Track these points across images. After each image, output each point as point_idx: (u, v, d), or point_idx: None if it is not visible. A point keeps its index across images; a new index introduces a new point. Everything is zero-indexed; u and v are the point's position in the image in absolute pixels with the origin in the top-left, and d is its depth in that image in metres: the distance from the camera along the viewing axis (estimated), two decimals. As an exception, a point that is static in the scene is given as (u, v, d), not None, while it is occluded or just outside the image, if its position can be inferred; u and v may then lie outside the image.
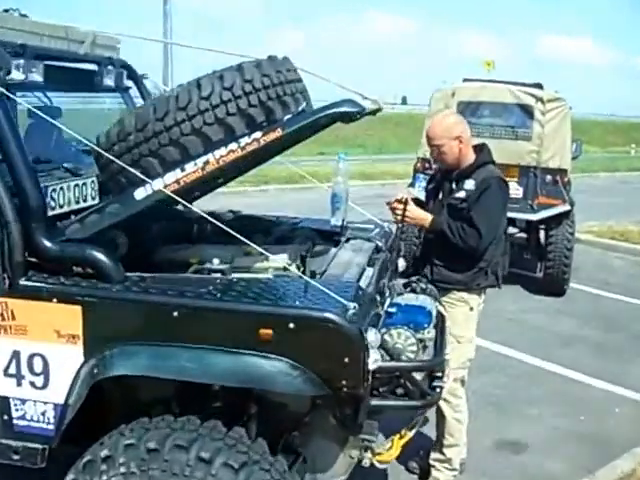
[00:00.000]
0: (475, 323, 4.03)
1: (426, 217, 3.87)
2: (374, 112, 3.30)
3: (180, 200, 2.73)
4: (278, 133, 2.74)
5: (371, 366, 2.55)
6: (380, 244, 3.77)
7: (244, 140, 2.75)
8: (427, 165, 8.37)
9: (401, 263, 4.04)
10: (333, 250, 3.45)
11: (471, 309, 3.95)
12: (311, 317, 2.50)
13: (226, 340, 2.55)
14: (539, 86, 8.64)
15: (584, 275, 9.42)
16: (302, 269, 3.09)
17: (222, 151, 2.75)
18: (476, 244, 3.76)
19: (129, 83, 4.18)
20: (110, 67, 3.82)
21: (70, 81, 3.66)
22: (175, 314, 2.56)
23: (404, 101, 59.53)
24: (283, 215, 4.28)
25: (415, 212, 3.87)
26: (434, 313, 3.13)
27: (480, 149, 3.99)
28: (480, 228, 3.74)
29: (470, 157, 3.93)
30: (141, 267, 3.06)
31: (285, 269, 3.03)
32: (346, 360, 2.49)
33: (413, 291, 3.35)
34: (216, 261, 2.98)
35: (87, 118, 4.33)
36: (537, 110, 8.23)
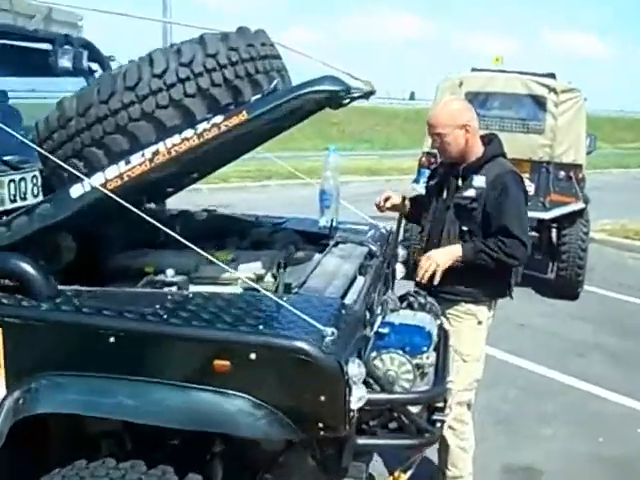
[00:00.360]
0: (484, 339, 3.54)
1: (455, 249, 3.31)
2: (366, 95, 2.86)
3: (117, 199, 2.24)
4: (242, 117, 2.25)
5: (354, 405, 2.07)
6: (374, 248, 3.28)
7: (202, 126, 2.27)
8: (433, 160, 7.86)
9: (400, 269, 3.56)
10: (317, 256, 2.96)
11: (479, 323, 3.46)
12: (276, 346, 2.02)
13: (174, 373, 2.08)
14: (552, 76, 8.14)
15: (597, 276, 8.91)
16: (277, 280, 2.61)
17: (175, 139, 2.27)
18: (522, 254, 3.31)
19: (94, 66, 3.70)
20: (67, 46, 3.34)
21: (15, 62, 3.18)
22: (111, 340, 2.09)
23: (412, 96, 59.08)
24: (265, 214, 3.79)
25: (441, 252, 3.31)
26: (434, 333, 2.65)
27: (489, 140, 3.50)
28: (520, 236, 3.27)
29: (478, 149, 3.43)
30: (91, 277, 2.61)
31: (256, 281, 2.56)
32: (322, 399, 2.01)
33: (410, 306, 2.86)
34: (170, 272, 2.49)
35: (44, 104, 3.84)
36: (550, 101, 7.73)
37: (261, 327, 2.06)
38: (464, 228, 3.35)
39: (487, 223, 3.31)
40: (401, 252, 3.58)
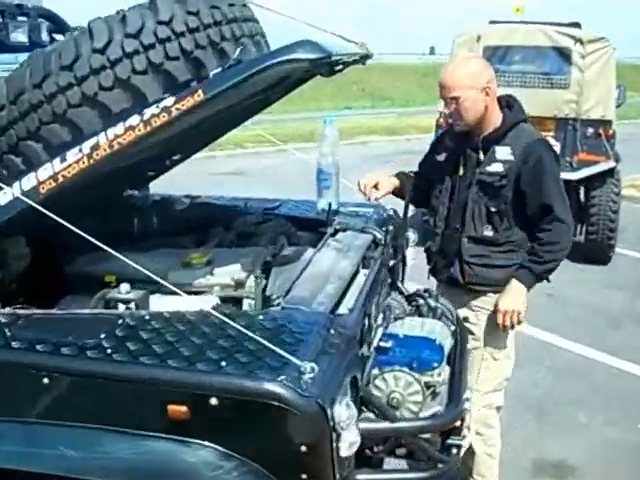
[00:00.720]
0: (514, 332, 3.13)
1: (519, 288, 2.92)
2: (362, 59, 2.45)
3: (40, 208, 1.85)
4: (198, 97, 1.83)
5: (345, 452, 1.68)
6: (379, 236, 2.86)
7: (149, 111, 1.86)
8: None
9: (410, 255, 3.15)
10: (309, 252, 2.55)
11: None
12: (239, 390, 1.63)
13: (122, 419, 1.70)
14: (577, 25, 7.57)
15: (629, 237, 8.39)
16: (259, 285, 2.21)
17: (117, 129, 1.86)
18: (570, 237, 2.93)
19: (59, 38, 3.28)
20: (21, 18, 2.93)
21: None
22: (45, 381, 1.71)
23: (432, 51, 57.89)
24: (256, 198, 3.37)
25: (511, 298, 2.92)
26: (447, 344, 2.24)
27: (508, 104, 3.00)
28: (566, 219, 2.88)
29: (497, 115, 2.95)
30: (49, 286, 2.25)
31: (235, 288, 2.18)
32: (303, 449, 1.62)
33: (418, 311, 2.45)
34: (125, 287, 2.09)
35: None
36: (576, 53, 7.15)
37: (223, 363, 1.66)
38: (492, 209, 2.90)
39: (521, 202, 2.89)
40: (412, 236, 3.16)
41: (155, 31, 1.97)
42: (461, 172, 2.98)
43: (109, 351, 1.73)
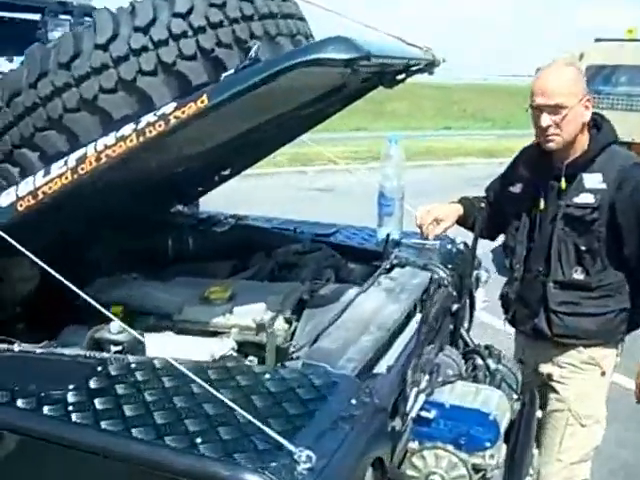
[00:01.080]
0: (606, 393, 2.68)
1: None
2: (428, 67, 2.10)
3: (7, 237, 1.56)
4: (202, 104, 1.50)
5: None
6: (442, 275, 2.47)
7: (146, 119, 1.54)
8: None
9: (481, 297, 2.75)
10: (352, 292, 2.17)
11: (603, 374, 2.59)
12: (212, 478, 1.27)
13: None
14: (694, 42, 6.97)
15: None
16: (273, 333, 1.85)
17: (108, 139, 1.55)
18: None
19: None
20: (63, 16, 2.72)
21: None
22: None
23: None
24: (310, 222, 3.01)
25: None
26: (505, 420, 1.83)
27: (595, 124, 2.52)
28: None
29: (585, 138, 2.48)
30: (54, 313, 2.00)
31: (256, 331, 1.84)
32: None
33: (474, 373, 2.04)
34: (114, 327, 1.76)
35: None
36: (691, 73, 6.57)
37: (198, 440, 1.31)
38: (582, 248, 2.45)
39: (616, 238, 2.43)
40: (484, 274, 2.76)
41: (169, 25, 1.67)
42: (542, 206, 2.52)
43: (70, 408, 1.41)
